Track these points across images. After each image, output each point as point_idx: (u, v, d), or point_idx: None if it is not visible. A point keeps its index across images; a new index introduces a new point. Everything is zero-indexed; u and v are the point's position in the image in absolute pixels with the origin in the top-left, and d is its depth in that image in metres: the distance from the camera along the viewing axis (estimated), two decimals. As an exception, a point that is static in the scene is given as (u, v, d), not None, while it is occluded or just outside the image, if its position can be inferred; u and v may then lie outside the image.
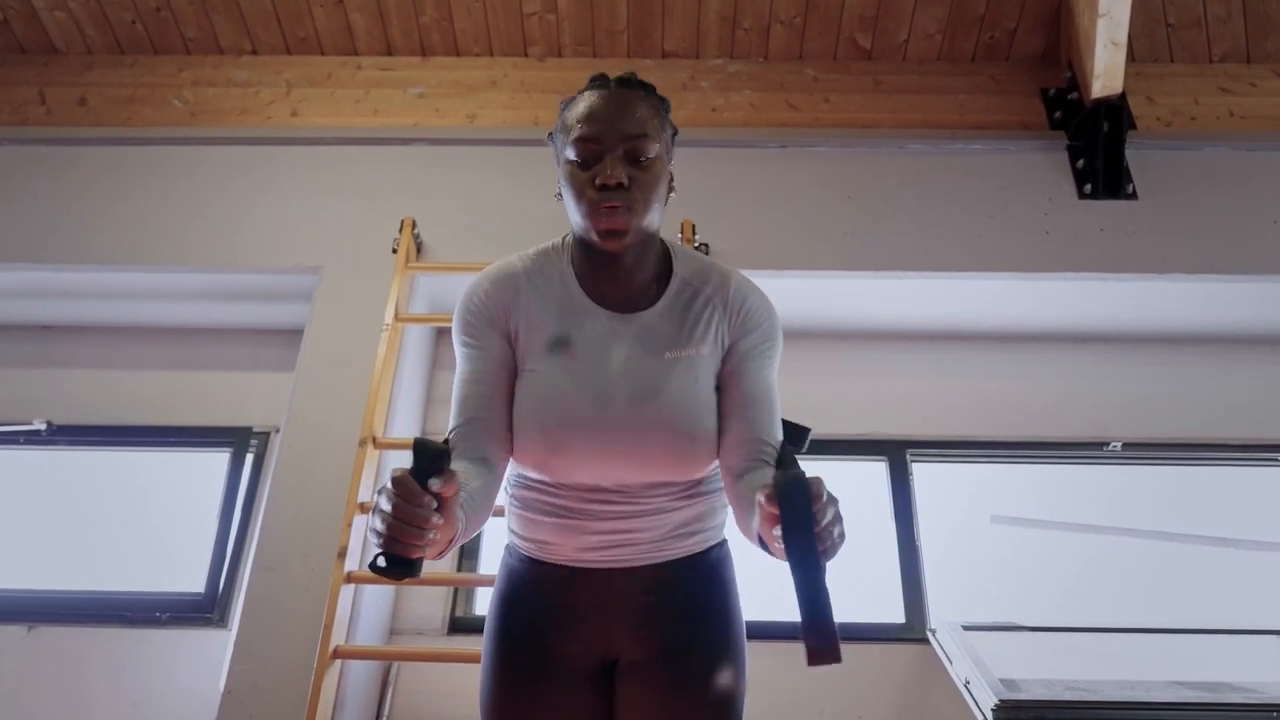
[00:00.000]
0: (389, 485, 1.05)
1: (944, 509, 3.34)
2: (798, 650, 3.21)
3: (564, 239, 1.48)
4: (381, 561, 1.07)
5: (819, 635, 1.04)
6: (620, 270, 1.40)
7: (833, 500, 1.08)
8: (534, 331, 1.41)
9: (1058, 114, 3.60)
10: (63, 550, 3.31)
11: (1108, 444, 3.41)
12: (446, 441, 1.34)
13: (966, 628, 2.94)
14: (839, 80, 3.74)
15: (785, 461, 1.31)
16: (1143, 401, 3.47)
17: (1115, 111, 3.42)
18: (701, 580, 1.48)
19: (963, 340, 3.59)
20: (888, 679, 3.00)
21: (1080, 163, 3.44)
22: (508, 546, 1.57)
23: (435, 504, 1.06)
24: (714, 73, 3.76)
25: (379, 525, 1.05)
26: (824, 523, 1.04)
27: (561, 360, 1.38)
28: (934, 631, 3.00)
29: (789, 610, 3.13)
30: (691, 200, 3.31)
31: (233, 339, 3.63)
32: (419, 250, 3.28)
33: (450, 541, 1.17)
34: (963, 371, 3.54)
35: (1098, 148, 3.40)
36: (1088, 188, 3.39)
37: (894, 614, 3.12)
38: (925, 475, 3.40)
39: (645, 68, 3.74)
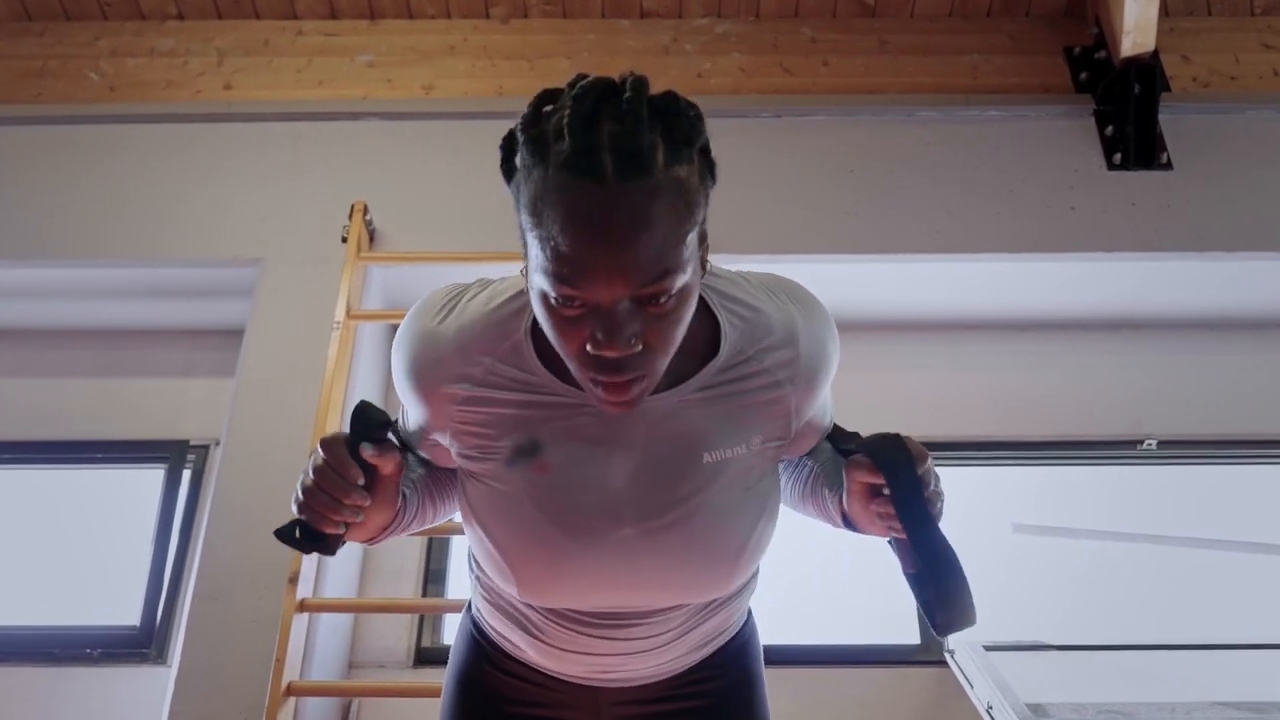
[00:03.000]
0: (318, 449, 1.05)
1: (960, 517, 3.41)
2: (803, 676, 3.26)
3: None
4: (297, 533, 1.06)
5: (955, 599, 1.08)
6: None
7: (929, 459, 1.13)
8: (481, 436, 1.17)
9: (1083, 75, 3.67)
10: (-22, 582, 3.37)
11: (1141, 442, 3.52)
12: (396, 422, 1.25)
13: (988, 648, 3.04)
14: (839, 40, 3.80)
15: (838, 434, 1.31)
16: (1180, 395, 3.58)
17: (1147, 71, 3.49)
18: (721, 681, 1.42)
19: (979, 330, 3.69)
20: (902, 705, 3.10)
21: (1109, 130, 3.52)
22: (472, 613, 1.48)
23: (361, 477, 1.05)
24: (699, 34, 3.82)
25: (299, 490, 1.05)
26: (932, 486, 1.10)
27: (529, 475, 1.15)
28: (952, 652, 3.10)
29: (793, 634, 3.20)
30: (676, 178, 3.38)
31: (164, 341, 3.69)
32: (372, 238, 3.33)
33: (387, 528, 1.16)
34: (979, 365, 3.64)
35: (1128, 112, 3.48)
36: (1117, 157, 3.47)
37: (908, 634, 3.24)
38: (940, 479, 3.47)
39: (621, 29, 3.82)
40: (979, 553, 3.39)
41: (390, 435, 1.09)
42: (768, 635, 1.59)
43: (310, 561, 2.77)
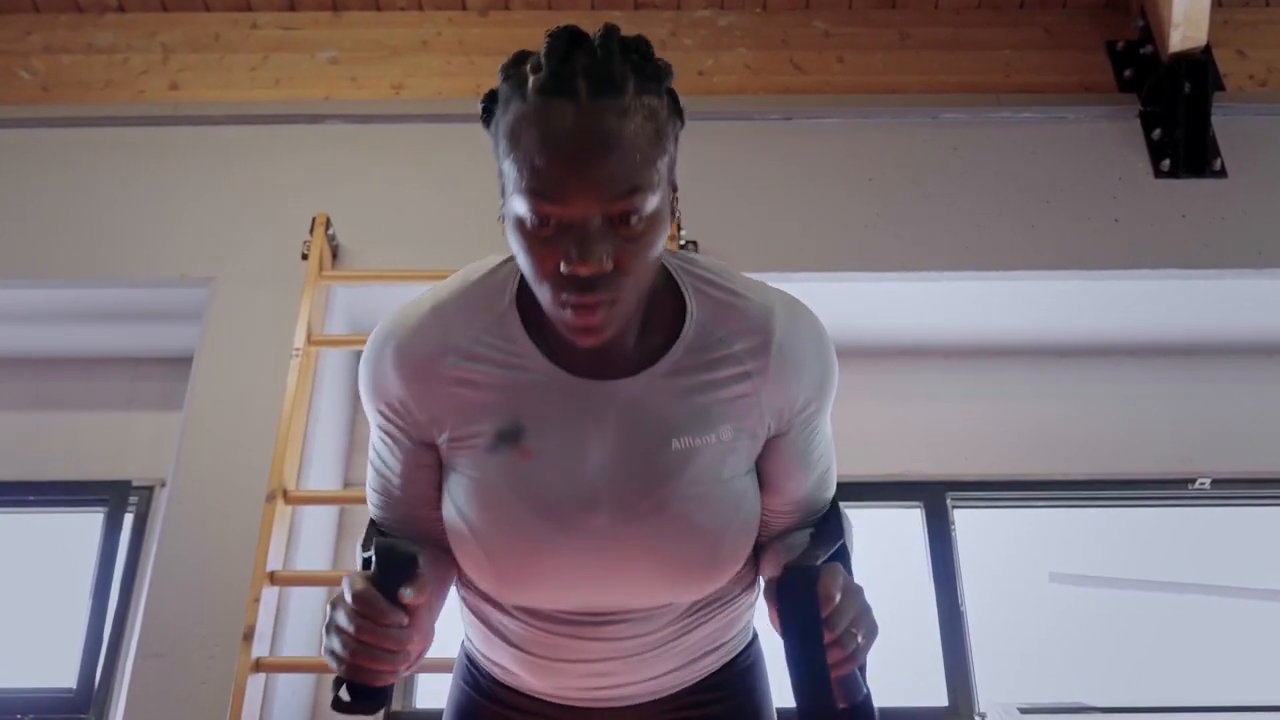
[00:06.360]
0: (348, 600, 1.10)
1: (993, 564, 3.53)
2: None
3: (509, 260, 1.34)
4: (345, 694, 1.14)
5: None
6: None
7: (852, 595, 1.13)
8: (467, 418, 1.29)
9: (1128, 73, 3.78)
10: (-106, 641, 3.43)
11: (1193, 481, 3.59)
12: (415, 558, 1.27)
13: (1023, 710, 3.13)
14: (855, 34, 3.90)
15: (821, 534, 1.33)
16: (1236, 429, 3.66)
17: (1199, 68, 3.59)
18: (725, 705, 1.52)
19: (1011, 356, 3.77)
20: (927, 776, 3.19)
21: (1156, 133, 3.61)
22: (465, 645, 1.60)
23: (405, 620, 1.11)
24: (701, 27, 3.92)
25: (339, 648, 1.09)
26: (839, 629, 1.09)
27: (510, 461, 1.27)
28: (983, 716, 3.20)
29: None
30: (675, 187, 3.45)
31: (104, 371, 3.76)
32: (335, 255, 3.41)
33: (421, 654, 1.24)
34: (1012, 395, 3.72)
35: (1177, 114, 3.58)
36: (1166, 164, 3.57)
37: (935, 695, 3.32)
38: (970, 523, 3.59)
39: (614, 21, 3.85)
40: (1012, 605, 3.48)
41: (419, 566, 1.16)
42: (780, 698, 1.68)
43: (267, 616, 2.83)
